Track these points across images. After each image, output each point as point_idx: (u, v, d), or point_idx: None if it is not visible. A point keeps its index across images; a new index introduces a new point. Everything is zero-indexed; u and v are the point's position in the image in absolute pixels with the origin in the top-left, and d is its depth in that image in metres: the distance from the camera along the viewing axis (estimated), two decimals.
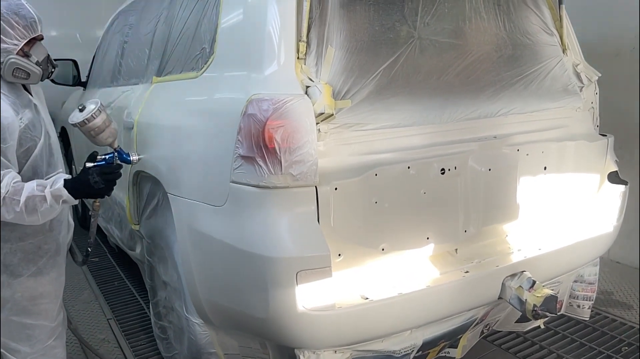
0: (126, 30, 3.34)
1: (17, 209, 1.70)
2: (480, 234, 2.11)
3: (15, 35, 1.80)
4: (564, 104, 2.37)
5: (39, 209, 1.73)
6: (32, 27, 1.84)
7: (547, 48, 2.36)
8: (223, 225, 1.80)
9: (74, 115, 1.88)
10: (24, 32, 1.82)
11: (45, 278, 1.96)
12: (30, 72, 1.85)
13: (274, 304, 1.66)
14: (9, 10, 1.80)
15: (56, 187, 1.75)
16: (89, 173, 1.80)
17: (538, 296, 1.95)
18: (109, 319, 3.17)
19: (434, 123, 2.00)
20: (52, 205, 1.74)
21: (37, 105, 1.93)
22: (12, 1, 1.84)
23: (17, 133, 1.76)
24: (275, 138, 1.62)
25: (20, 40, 1.82)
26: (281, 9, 1.77)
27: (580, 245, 2.29)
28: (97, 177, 1.79)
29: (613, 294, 3.32)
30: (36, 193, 1.72)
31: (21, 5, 1.85)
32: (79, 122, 1.85)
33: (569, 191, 2.35)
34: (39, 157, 1.86)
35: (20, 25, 1.81)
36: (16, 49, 1.81)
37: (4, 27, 1.79)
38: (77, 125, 1.87)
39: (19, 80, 1.84)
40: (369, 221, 1.82)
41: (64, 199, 1.76)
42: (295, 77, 1.72)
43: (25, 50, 1.84)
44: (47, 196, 1.73)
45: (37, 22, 1.86)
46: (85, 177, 1.80)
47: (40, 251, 1.94)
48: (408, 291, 1.83)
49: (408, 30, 1.98)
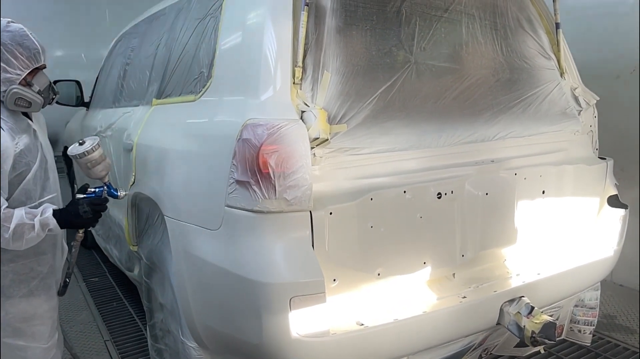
0: (128, 52, 3.38)
1: (5, 235, 1.75)
2: (478, 258, 2.09)
3: (18, 65, 1.86)
4: (563, 128, 2.36)
5: (25, 236, 1.78)
6: (35, 58, 1.89)
7: (544, 72, 2.37)
8: (217, 249, 1.79)
9: (74, 147, 1.93)
10: (27, 62, 1.87)
11: (37, 300, 1.97)
12: (32, 102, 1.91)
13: (267, 330, 1.64)
14: (13, 42, 1.85)
15: (45, 216, 1.81)
16: (78, 204, 1.87)
17: (536, 322, 1.92)
18: (107, 341, 3.14)
19: (430, 147, 2.00)
20: (38, 234, 1.80)
21: (36, 131, 1.97)
22: (17, 32, 1.89)
23: (11, 159, 1.80)
24: (269, 163, 1.62)
25: (23, 71, 1.87)
26: (278, 35, 1.79)
27: (580, 270, 2.27)
28: (86, 207, 1.86)
29: (616, 318, 3.28)
30: (25, 221, 1.78)
31: (25, 37, 1.89)
32: (78, 154, 1.91)
33: (568, 215, 2.33)
34: (32, 182, 1.90)
35: (23, 56, 1.86)
36: (19, 79, 1.87)
37: (8, 58, 1.84)
38: (75, 157, 1.93)
39: (20, 108, 1.90)
40: (365, 246, 1.81)
41: (51, 228, 1.82)
42: (290, 102, 1.73)
43: (28, 79, 1.90)
44: (35, 225, 1.79)
45: (40, 52, 1.90)
46: (74, 207, 1.87)
47: (32, 272, 1.96)
48: (404, 317, 1.81)
49: (405, 55, 1.99)
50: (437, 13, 2.11)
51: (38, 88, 1.92)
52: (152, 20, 3.09)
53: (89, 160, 1.93)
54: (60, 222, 1.84)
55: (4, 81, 1.86)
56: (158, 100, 2.54)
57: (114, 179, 2.89)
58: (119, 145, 2.81)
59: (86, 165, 1.94)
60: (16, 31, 1.89)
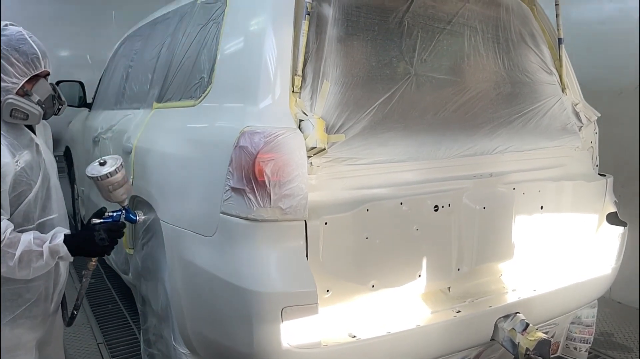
0: (132, 54, 3.39)
1: (10, 263, 1.58)
2: (474, 273, 2.08)
3: (14, 73, 1.67)
4: (563, 143, 2.35)
5: (33, 264, 1.61)
6: (33, 64, 1.70)
7: (546, 87, 2.37)
8: (211, 256, 1.78)
9: (94, 168, 1.76)
10: (24, 69, 1.69)
11: (20, 329, 1.77)
12: (29, 113, 1.70)
13: (258, 339, 1.63)
14: (9, 46, 1.67)
15: (55, 243, 1.63)
16: (94, 229, 1.70)
17: (531, 339, 1.91)
18: (99, 344, 3.13)
19: (428, 159, 1.99)
20: (47, 262, 1.63)
21: (39, 145, 1.80)
22: (14, 35, 1.70)
23: (10, 177, 1.64)
24: (265, 171, 1.61)
25: (20, 78, 1.69)
26: (278, 43, 1.79)
27: (577, 287, 2.25)
28: (104, 234, 1.69)
29: (613, 336, 3.25)
30: (33, 247, 1.60)
31: (22, 40, 1.70)
32: (100, 176, 1.73)
33: (567, 231, 2.32)
34: (32, 203, 1.73)
35: (20, 62, 1.68)
36: (16, 88, 1.68)
37: (3, 65, 1.66)
38: (96, 179, 1.74)
39: (17, 121, 1.71)
40: (360, 257, 1.80)
41: (61, 255, 1.65)
42: (289, 111, 1.73)
43: (26, 88, 1.71)
44: (44, 252, 1.61)
45: (39, 58, 1.71)
46: (90, 233, 1.70)
47: (19, 299, 1.77)
48: (397, 330, 1.80)
49: (405, 67, 1.99)
50: (440, 25, 2.11)
51: (38, 98, 1.72)
52: (156, 23, 3.10)
53: (110, 183, 1.75)
54: (72, 250, 1.66)
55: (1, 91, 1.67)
56: (158, 103, 2.54)
57: None
58: (118, 147, 2.81)
59: (107, 188, 1.76)
60: (12, 35, 1.70)
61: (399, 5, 2.01)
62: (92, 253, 1.75)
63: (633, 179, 3.45)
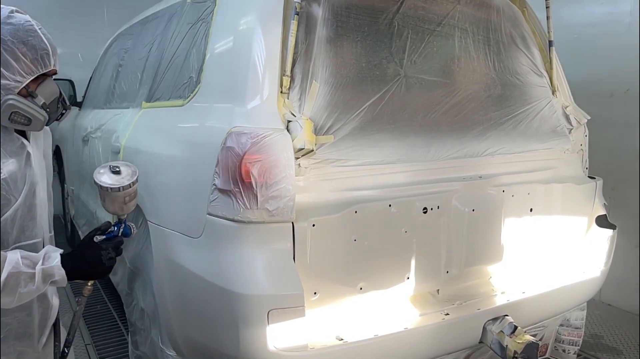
0: (122, 53, 3.36)
1: None
2: (463, 275, 2.07)
3: (19, 69, 1.42)
4: (553, 146, 2.35)
5: (21, 289, 1.33)
6: (42, 61, 1.45)
7: (536, 89, 2.36)
8: (198, 258, 1.77)
9: (107, 175, 1.50)
10: (31, 66, 1.43)
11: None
12: (32, 118, 1.44)
13: (244, 342, 1.62)
14: (15, 37, 1.41)
15: (51, 265, 1.37)
16: (101, 248, 1.45)
17: (519, 342, 1.90)
18: (87, 345, 3.10)
19: (418, 161, 1.98)
20: (37, 287, 1.36)
21: (31, 155, 1.50)
22: (22, 25, 1.44)
23: None
24: (252, 173, 1.60)
25: (25, 77, 1.43)
26: (267, 43, 1.77)
27: (566, 290, 2.25)
28: (112, 252, 1.46)
29: (603, 338, 3.25)
30: (22, 269, 1.33)
31: (32, 32, 1.44)
32: (123, 186, 1.48)
33: (556, 234, 2.32)
34: (9, 223, 1.44)
35: (27, 57, 1.42)
36: (19, 87, 1.42)
37: (6, 59, 1.40)
38: (107, 190, 1.47)
39: (16, 125, 1.44)
40: (347, 259, 1.78)
41: (55, 279, 1.38)
42: (277, 112, 1.71)
43: (30, 88, 1.45)
44: (36, 275, 1.35)
45: (50, 54, 1.46)
46: (94, 252, 1.44)
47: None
48: (385, 333, 1.78)
49: (395, 68, 1.98)
50: (430, 27, 2.10)
51: (43, 101, 1.46)
52: (146, 22, 3.08)
53: (128, 194, 1.50)
54: (71, 273, 1.39)
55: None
56: (147, 103, 2.52)
57: None
58: (107, 147, 2.79)
59: (125, 198, 1.50)
60: (20, 24, 1.43)
61: (389, 6, 2.00)
62: (96, 275, 1.47)
63: (623, 182, 3.47)
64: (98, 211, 3.05)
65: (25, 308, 1.51)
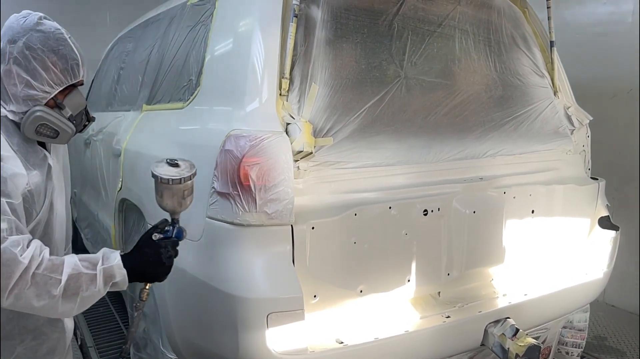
0: (123, 56, 3.37)
1: (54, 292, 1.22)
2: (464, 277, 2.06)
3: (48, 79, 1.36)
4: (554, 147, 2.34)
5: (82, 293, 1.25)
6: (72, 72, 1.40)
7: (538, 90, 2.35)
8: (197, 261, 1.76)
9: (165, 167, 1.42)
10: (60, 77, 1.38)
11: None
12: (60, 131, 1.39)
13: (244, 346, 1.61)
14: (45, 46, 1.36)
15: (111, 264, 1.30)
16: (160, 246, 1.38)
17: (521, 345, 1.89)
18: (90, 348, 3.10)
19: (418, 163, 1.97)
20: (99, 290, 1.28)
21: (52, 167, 1.46)
22: (52, 33, 1.38)
23: (21, 191, 1.31)
24: (250, 176, 1.59)
25: (54, 88, 1.37)
26: (266, 45, 1.77)
27: (569, 292, 2.24)
28: (171, 250, 1.39)
29: (607, 339, 3.23)
30: (82, 270, 1.26)
31: (62, 41, 1.39)
32: (184, 178, 1.40)
33: (558, 235, 2.30)
34: None
35: (57, 67, 1.37)
36: (46, 98, 1.37)
37: (35, 67, 1.34)
38: (167, 181, 1.39)
39: (42, 138, 1.39)
40: (347, 261, 1.78)
41: (116, 281, 1.31)
42: (276, 114, 1.71)
43: (59, 100, 1.40)
44: (98, 277, 1.27)
45: (80, 64, 1.41)
46: (154, 250, 1.36)
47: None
48: (386, 336, 1.77)
49: (395, 70, 1.97)
50: (430, 28, 2.10)
51: (70, 113, 1.41)
52: (147, 25, 3.08)
53: (187, 187, 1.43)
54: (130, 274, 1.31)
55: (24, 99, 1.35)
56: (148, 106, 2.52)
57: (104, 185, 2.87)
58: (109, 150, 2.79)
59: (184, 192, 1.43)
60: (50, 32, 1.38)
61: (389, 8, 1.99)
62: (156, 276, 1.39)
63: (627, 183, 3.45)
64: (100, 214, 3.05)
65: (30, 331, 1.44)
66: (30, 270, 1.20)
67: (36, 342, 1.45)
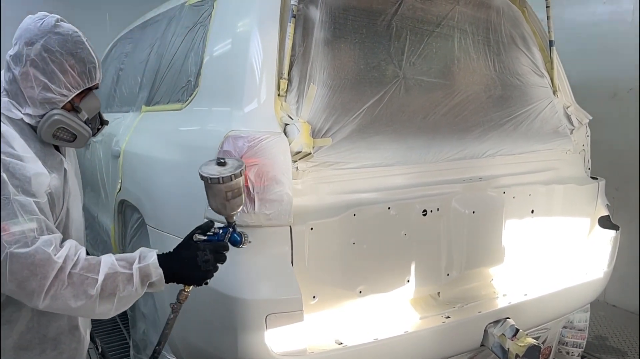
0: (122, 57, 3.37)
1: (91, 292, 1.20)
2: (464, 278, 2.06)
3: (65, 83, 1.35)
4: (554, 146, 2.34)
5: (120, 293, 1.24)
6: (89, 75, 1.39)
7: (537, 89, 2.35)
8: None
9: (211, 167, 1.42)
10: (78, 80, 1.37)
11: None
12: (78, 134, 1.38)
13: (243, 347, 1.61)
14: (64, 49, 1.35)
15: (147, 263, 1.28)
16: (198, 248, 1.34)
17: (521, 345, 1.88)
18: (90, 349, 3.09)
19: (417, 163, 1.97)
20: (137, 289, 1.26)
21: (67, 172, 1.44)
22: (70, 36, 1.37)
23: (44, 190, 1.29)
24: (248, 176, 1.59)
25: (72, 91, 1.36)
26: (264, 46, 1.76)
27: (569, 291, 2.23)
28: (209, 254, 1.33)
29: (608, 339, 3.23)
30: (119, 269, 1.24)
31: (80, 44, 1.38)
32: (225, 177, 1.37)
33: (558, 235, 2.30)
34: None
35: (75, 71, 1.36)
36: (64, 101, 1.36)
37: (53, 70, 1.33)
38: (215, 181, 1.38)
39: (59, 142, 1.37)
40: (346, 262, 1.77)
41: (152, 281, 1.29)
42: (274, 115, 1.71)
43: (75, 103, 1.39)
44: (134, 276, 1.25)
45: (97, 67, 1.41)
46: (191, 252, 1.33)
47: None
48: (385, 336, 1.77)
49: (393, 70, 1.97)
50: (429, 28, 2.09)
51: (86, 116, 1.41)
52: (146, 26, 3.08)
53: (230, 189, 1.38)
54: (166, 274, 1.29)
55: (41, 102, 1.34)
56: (147, 107, 2.51)
57: (103, 186, 2.87)
58: (108, 151, 2.79)
59: (226, 193, 1.39)
60: (68, 35, 1.37)
61: (388, 8, 1.99)
62: (191, 279, 1.36)
63: (627, 182, 3.44)
64: (100, 216, 3.05)
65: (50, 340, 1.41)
66: (66, 270, 1.19)
67: (56, 352, 1.43)
